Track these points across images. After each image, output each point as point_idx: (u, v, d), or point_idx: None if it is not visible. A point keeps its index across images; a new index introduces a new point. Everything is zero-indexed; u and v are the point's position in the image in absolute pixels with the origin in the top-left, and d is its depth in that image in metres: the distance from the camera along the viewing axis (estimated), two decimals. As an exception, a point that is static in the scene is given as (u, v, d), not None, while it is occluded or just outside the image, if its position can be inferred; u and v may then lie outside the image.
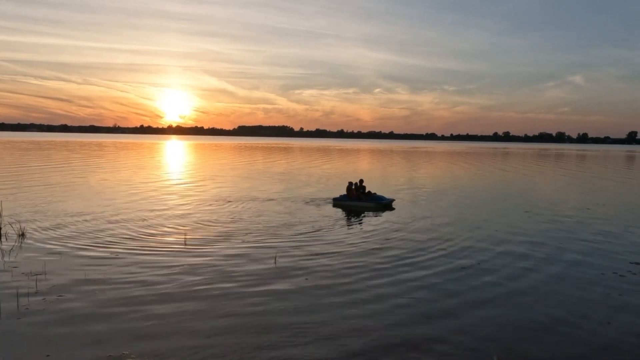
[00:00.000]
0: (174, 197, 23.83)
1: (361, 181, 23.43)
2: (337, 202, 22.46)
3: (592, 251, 14.00)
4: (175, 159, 63.65)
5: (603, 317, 8.80)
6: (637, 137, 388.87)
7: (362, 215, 19.80)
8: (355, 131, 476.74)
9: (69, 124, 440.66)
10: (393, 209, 21.28)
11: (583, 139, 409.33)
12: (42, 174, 34.50)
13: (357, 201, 22.01)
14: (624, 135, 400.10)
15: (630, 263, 12.70)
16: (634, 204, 25.02)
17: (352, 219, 18.76)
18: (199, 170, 42.19)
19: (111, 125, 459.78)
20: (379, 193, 23.45)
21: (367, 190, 22.84)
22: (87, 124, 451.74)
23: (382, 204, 21.57)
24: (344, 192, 23.53)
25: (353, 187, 22.87)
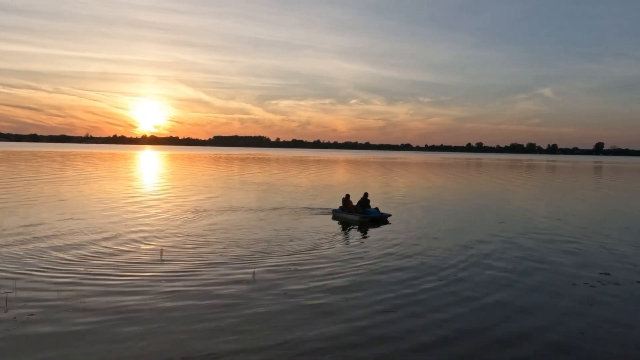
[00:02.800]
0: (149, 209, 23.44)
1: (365, 195, 23.15)
2: (335, 214, 22.55)
3: (563, 262, 14.35)
4: (150, 169, 62.65)
5: (576, 328, 9.03)
6: (604, 148, 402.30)
7: (354, 228, 19.52)
8: (332, 142, 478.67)
9: (38, 134, 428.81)
10: (388, 223, 20.83)
11: (553, 149, 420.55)
12: (10, 185, 33.46)
13: (349, 214, 21.77)
14: (591, 147, 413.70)
15: (600, 274, 13.07)
16: (602, 214, 25.81)
17: (340, 233, 18.54)
18: (174, 182, 41.60)
19: (83, 135, 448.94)
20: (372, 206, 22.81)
21: (371, 205, 22.41)
22: (58, 134, 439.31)
23: (369, 218, 20.99)
24: (336, 203, 23.42)
25: (350, 199, 22.71)
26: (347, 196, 22.99)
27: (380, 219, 21.27)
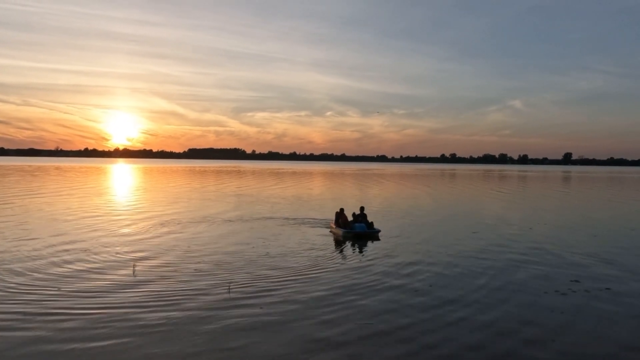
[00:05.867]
0: (121, 225, 22.91)
1: (362, 209, 22.12)
2: (330, 229, 21.69)
3: (535, 271, 14.61)
4: (122, 183, 61.41)
5: (548, 336, 9.18)
6: (572, 158, 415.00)
7: (337, 244, 18.71)
8: (308, 153, 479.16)
9: (5, 147, 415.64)
10: (378, 239, 19.59)
11: (524, 160, 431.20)
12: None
13: (337, 228, 20.80)
14: (560, 157, 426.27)
15: (571, 281, 13.36)
16: (572, 223, 26.47)
17: (320, 247, 17.92)
18: (147, 195, 40.84)
19: (53, 148, 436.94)
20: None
21: (368, 219, 21.32)
22: (26, 147, 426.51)
23: (352, 233, 19.81)
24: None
25: (343, 213, 21.64)
26: (341, 210, 21.88)
27: (366, 235, 19.93)
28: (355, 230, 20.03)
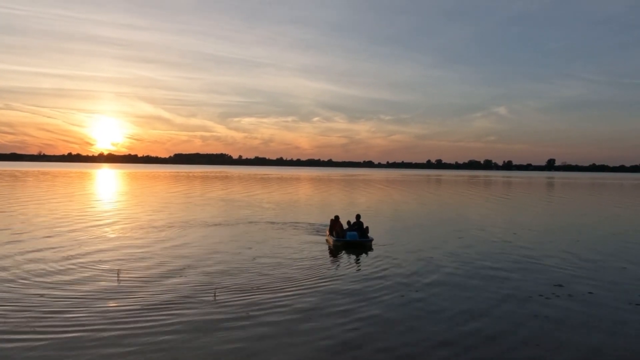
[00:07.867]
0: (105, 230, 22.60)
1: (358, 217, 21.33)
2: (326, 238, 20.96)
3: (519, 275, 14.78)
4: (105, 188, 60.65)
5: (533, 339, 9.26)
6: (555, 165, 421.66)
7: (326, 252, 18.36)
8: (295, 159, 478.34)
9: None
10: (371, 249, 18.80)
11: (508, 166, 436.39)
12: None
13: (330, 236, 20.25)
14: (543, 163, 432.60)
15: (554, 285, 13.53)
16: (555, 228, 26.85)
17: (308, 255, 17.54)
18: (132, 201, 40.39)
19: (35, 153, 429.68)
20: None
21: (365, 227, 20.53)
22: (8, 152, 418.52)
23: (341, 242, 19.22)
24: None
25: (338, 221, 20.90)
26: (336, 218, 21.22)
27: (357, 244, 19.20)
28: (346, 239, 19.52)
